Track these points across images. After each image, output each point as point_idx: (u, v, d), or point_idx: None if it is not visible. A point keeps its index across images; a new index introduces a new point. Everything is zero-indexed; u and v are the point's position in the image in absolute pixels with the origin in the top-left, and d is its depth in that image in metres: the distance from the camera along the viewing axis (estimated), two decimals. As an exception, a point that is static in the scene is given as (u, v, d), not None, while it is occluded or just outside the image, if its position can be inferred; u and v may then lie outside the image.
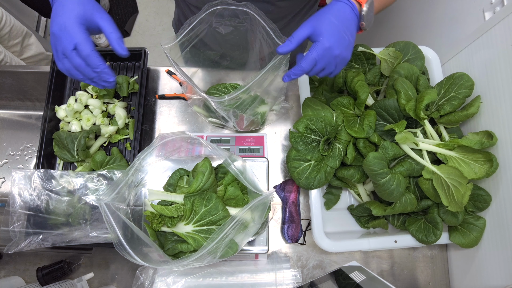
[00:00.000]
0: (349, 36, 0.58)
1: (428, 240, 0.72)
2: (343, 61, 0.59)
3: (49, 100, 0.86)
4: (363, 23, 0.59)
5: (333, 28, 0.56)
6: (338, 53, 0.57)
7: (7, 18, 1.35)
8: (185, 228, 0.65)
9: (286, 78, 0.61)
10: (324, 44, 0.56)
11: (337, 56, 0.57)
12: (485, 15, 0.80)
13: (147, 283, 0.72)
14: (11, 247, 0.69)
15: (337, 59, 0.58)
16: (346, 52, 0.58)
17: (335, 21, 0.56)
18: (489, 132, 0.71)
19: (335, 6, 0.58)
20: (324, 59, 0.57)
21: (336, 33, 0.56)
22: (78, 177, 0.77)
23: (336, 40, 0.56)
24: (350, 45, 0.58)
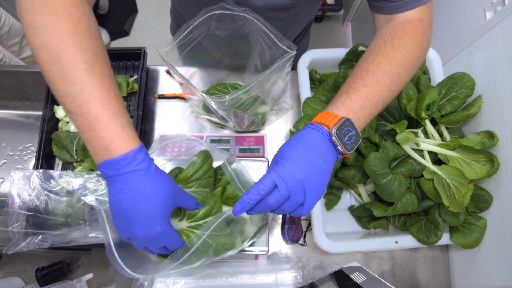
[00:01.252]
0: (318, 158, 0.46)
1: (429, 241, 0.72)
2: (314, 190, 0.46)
3: (48, 100, 0.86)
4: (338, 148, 0.48)
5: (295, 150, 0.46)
6: (303, 178, 0.45)
7: (6, 17, 1.35)
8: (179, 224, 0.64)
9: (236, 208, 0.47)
10: (285, 165, 0.45)
11: (302, 181, 0.45)
12: (486, 15, 0.79)
13: (146, 283, 0.72)
14: (10, 247, 0.69)
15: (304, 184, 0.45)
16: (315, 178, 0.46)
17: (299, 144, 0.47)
18: (490, 132, 0.71)
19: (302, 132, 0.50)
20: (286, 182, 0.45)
21: (298, 155, 0.46)
22: (77, 177, 0.76)
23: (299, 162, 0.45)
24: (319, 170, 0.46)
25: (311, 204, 0.47)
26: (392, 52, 0.55)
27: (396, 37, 0.57)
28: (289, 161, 0.46)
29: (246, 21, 0.68)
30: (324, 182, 0.48)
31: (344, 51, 0.85)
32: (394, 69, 0.54)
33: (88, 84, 0.42)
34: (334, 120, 0.48)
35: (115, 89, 0.45)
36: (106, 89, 0.43)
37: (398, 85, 0.55)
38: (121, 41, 2.18)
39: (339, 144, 0.48)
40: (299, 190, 0.45)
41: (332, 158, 0.49)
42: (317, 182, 0.46)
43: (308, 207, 0.47)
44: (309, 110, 0.76)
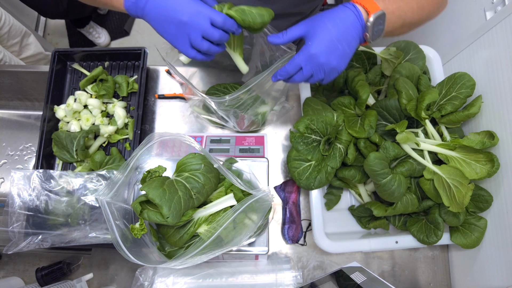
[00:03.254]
0: (345, 45, 0.53)
1: (429, 241, 0.72)
2: (333, 71, 0.55)
3: (48, 100, 0.86)
4: (367, 34, 0.54)
5: (325, 35, 0.52)
6: (325, 61, 0.53)
7: (6, 17, 1.35)
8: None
9: (273, 78, 0.59)
10: (310, 50, 0.53)
11: (324, 64, 0.54)
12: (486, 15, 0.79)
13: (146, 283, 0.72)
14: (10, 247, 0.69)
15: (325, 67, 0.54)
16: (337, 62, 0.54)
17: (331, 27, 0.53)
18: (490, 132, 0.71)
19: (338, 11, 0.55)
20: (310, 66, 0.54)
21: (327, 40, 0.52)
22: (77, 177, 0.76)
23: (325, 47, 0.52)
24: (344, 55, 0.54)
25: (330, 79, 0.57)
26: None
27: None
28: (314, 47, 0.53)
29: None
30: (345, 63, 0.56)
31: (344, 51, 0.85)
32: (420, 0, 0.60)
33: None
34: (376, 9, 0.53)
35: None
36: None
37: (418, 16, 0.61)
38: (121, 41, 2.18)
39: (369, 32, 0.54)
40: (320, 71, 0.55)
41: (357, 42, 0.56)
42: (338, 65, 0.54)
43: (327, 81, 0.58)
44: (309, 110, 0.76)
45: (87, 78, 0.88)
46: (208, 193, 0.65)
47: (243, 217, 0.63)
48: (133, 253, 0.56)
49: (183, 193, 0.60)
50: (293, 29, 0.56)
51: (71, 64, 0.94)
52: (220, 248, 0.60)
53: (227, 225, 0.59)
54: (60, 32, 2.18)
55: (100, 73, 0.89)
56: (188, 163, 0.65)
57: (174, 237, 0.63)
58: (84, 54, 0.92)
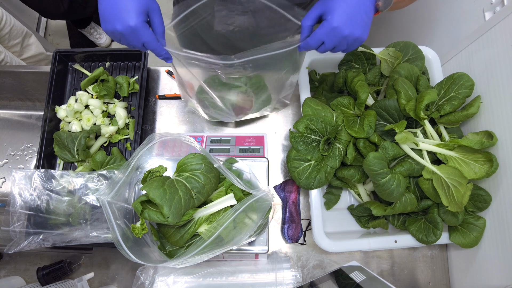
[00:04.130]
0: (363, 14, 0.54)
1: (428, 240, 0.72)
2: (356, 41, 0.56)
3: (50, 100, 0.86)
4: (379, 3, 0.56)
5: (343, 6, 0.53)
6: (348, 33, 0.54)
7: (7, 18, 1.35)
8: None
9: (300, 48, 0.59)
10: (332, 23, 0.53)
11: (347, 36, 0.54)
12: (485, 15, 0.80)
13: (147, 283, 0.72)
14: (11, 247, 0.69)
15: (348, 39, 0.55)
16: (359, 31, 0.55)
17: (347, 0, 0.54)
18: (489, 132, 0.71)
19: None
20: (332, 39, 0.55)
21: (346, 11, 0.53)
22: (78, 177, 0.77)
23: (346, 19, 0.53)
24: (364, 24, 0.55)
25: (353, 49, 0.58)
26: None
27: None
28: (335, 20, 0.53)
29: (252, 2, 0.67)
30: (367, 33, 0.56)
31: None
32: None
33: None
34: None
35: None
36: None
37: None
38: (121, 41, 2.18)
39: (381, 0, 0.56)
40: (343, 43, 0.56)
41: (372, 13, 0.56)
42: (360, 34, 0.55)
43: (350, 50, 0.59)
44: (309, 110, 0.76)
45: (88, 78, 0.89)
46: (208, 193, 0.65)
47: (243, 217, 0.63)
48: (134, 252, 0.57)
49: (183, 193, 0.60)
50: (308, 15, 0.56)
51: (72, 64, 0.94)
52: (221, 248, 0.61)
53: (227, 224, 0.59)
54: (61, 32, 2.18)
55: (101, 73, 0.89)
56: (188, 163, 0.65)
57: (175, 237, 0.64)
58: (85, 55, 0.93)
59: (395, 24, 1.38)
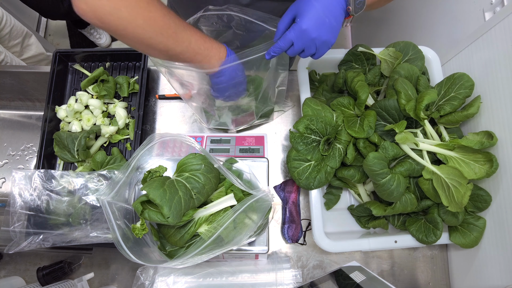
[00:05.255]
0: (331, 19, 0.57)
1: (428, 240, 0.72)
2: (324, 44, 0.59)
3: (50, 100, 0.86)
4: (349, 8, 0.58)
5: (312, 10, 0.56)
6: (316, 36, 0.57)
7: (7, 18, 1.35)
8: None
9: (267, 55, 0.62)
10: (301, 26, 0.56)
11: (315, 39, 0.57)
12: (485, 15, 0.80)
13: (147, 283, 0.72)
14: (11, 247, 0.69)
15: (316, 41, 0.58)
16: (326, 35, 0.58)
17: (316, 3, 0.56)
18: (489, 132, 0.71)
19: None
20: (301, 41, 0.58)
21: (314, 15, 0.56)
22: (78, 177, 0.77)
23: (314, 22, 0.56)
24: (331, 28, 0.58)
25: (322, 53, 0.61)
26: None
27: None
28: (304, 23, 0.56)
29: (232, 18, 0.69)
30: (334, 37, 0.59)
31: (344, 52, 0.86)
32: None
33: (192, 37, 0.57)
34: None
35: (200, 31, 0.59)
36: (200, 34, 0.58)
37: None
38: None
39: (352, 5, 0.58)
40: (312, 46, 0.59)
41: (342, 16, 0.59)
42: (328, 38, 0.58)
43: (319, 56, 0.62)
44: (309, 110, 0.76)
45: (88, 78, 0.89)
46: (208, 193, 0.65)
47: (244, 217, 0.63)
48: (134, 252, 0.57)
49: (183, 193, 0.60)
50: (281, 20, 0.60)
51: (72, 64, 0.94)
52: (221, 248, 0.61)
53: (227, 225, 0.59)
54: (61, 33, 2.18)
55: (101, 73, 0.89)
56: (188, 163, 0.65)
57: (175, 237, 0.64)
58: (85, 55, 0.93)
59: (395, 24, 1.38)
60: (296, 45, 0.58)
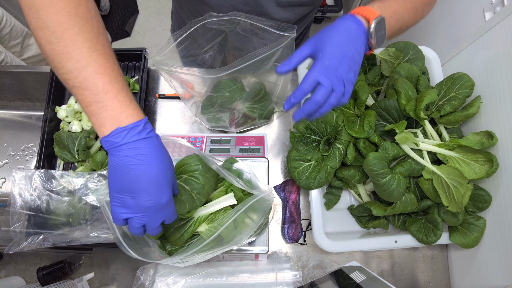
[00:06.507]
0: (354, 52, 0.52)
1: (428, 240, 0.72)
2: (350, 80, 0.53)
3: (50, 100, 0.86)
4: (372, 41, 0.54)
5: (334, 45, 0.51)
6: (342, 71, 0.51)
7: (7, 18, 1.35)
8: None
9: (286, 105, 0.54)
10: (325, 61, 0.51)
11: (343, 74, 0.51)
12: (485, 15, 0.80)
13: (147, 283, 0.72)
14: (11, 247, 0.69)
15: (342, 76, 0.51)
16: (354, 70, 0.53)
17: (337, 37, 0.52)
18: (489, 132, 0.71)
19: (339, 23, 0.54)
20: (328, 77, 0.50)
21: (337, 49, 0.51)
22: (78, 177, 0.77)
23: (338, 57, 0.51)
24: (355, 62, 0.53)
25: (349, 93, 0.53)
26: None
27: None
28: (327, 59, 0.50)
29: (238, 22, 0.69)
30: (357, 72, 0.54)
31: (344, 52, 0.86)
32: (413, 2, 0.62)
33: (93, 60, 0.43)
34: (375, 15, 0.54)
35: (118, 67, 0.47)
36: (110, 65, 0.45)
37: (414, 16, 0.63)
38: (122, 42, 2.19)
39: (374, 38, 0.53)
40: (340, 82, 0.51)
41: (363, 50, 0.54)
42: (352, 73, 0.52)
43: (347, 97, 0.53)
44: (309, 110, 0.76)
45: (88, 78, 0.89)
46: (208, 193, 0.65)
47: (244, 217, 0.63)
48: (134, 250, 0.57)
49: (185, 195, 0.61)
50: (299, 51, 0.54)
51: (72, 64, 0.94)
52: (221, 247, 0.61)
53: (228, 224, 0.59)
54: (61, 32, 2.18)
55: (101, 73, 0.89)
56: (186, 164, 0.65)
57: (174, 236, 0.64)
58: (85, 55, 0.93)
59: (395, 24, 1.38)
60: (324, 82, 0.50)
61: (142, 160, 0.44)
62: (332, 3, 2.01)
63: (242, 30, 0.72)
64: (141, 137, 0.44)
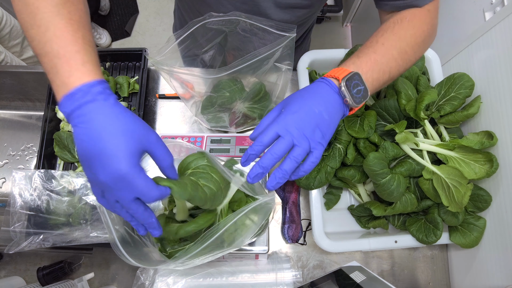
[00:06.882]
0: (322, 111, 0.49)
1: (428, 240, 0.72)
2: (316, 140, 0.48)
3: (50, 100, 0.86)
4: (347, 100, 0.50)
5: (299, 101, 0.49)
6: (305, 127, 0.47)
7: (7, 18, 1.35)
8: None
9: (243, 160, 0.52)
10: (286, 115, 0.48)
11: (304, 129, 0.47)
12: (485, 15, 0.80)
13: (147, 283, 0.72)
14: (11, 247, 0.69)
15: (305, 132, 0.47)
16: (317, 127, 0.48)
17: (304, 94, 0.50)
18: (489, 132, 0.71)
19: (312, 85, 0.53)
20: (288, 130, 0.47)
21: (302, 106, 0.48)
22: (78, 177, 0.77)
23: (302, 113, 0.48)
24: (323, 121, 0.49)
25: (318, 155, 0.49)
26: (401, 31, 0.59)
27: (405, 20, 0.60)
28: (290, 112, 0.48)
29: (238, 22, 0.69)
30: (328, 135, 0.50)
31: (344, 52, 0.86)
32: (402, 44, 0.57)
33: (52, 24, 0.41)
34: (344, 73, 0.51)
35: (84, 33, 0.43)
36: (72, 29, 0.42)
37: (404, 61, 0.58)
38: (122, 42, 2.19)
39: (347, 95, 0.50)
40: (302, 137, 0.47)
41: (337, 111, 0.51)
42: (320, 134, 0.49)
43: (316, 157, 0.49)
44: (309, 110, 0.76)
45: (88, 78, 0.89)
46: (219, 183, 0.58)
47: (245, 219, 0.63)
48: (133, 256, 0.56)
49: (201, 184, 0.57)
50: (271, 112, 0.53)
51: (72, 64, 0.94)
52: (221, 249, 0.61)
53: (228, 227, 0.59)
54: (61, 32, 2.18)
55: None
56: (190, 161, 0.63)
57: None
58: (85, 55, 0.93)
59: (395, 24, 1.38)
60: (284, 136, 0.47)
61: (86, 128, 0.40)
62: (332, 3, 2.01)
63: (242, 30, 0.72)
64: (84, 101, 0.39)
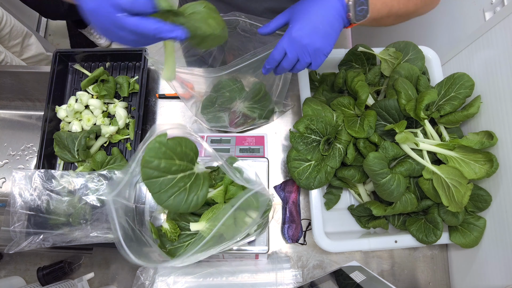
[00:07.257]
0: (326, 25, 0.53)
1: (428, 240, 0.72)
2: (318, 52, 0.54)
3: (50, 100, 0.86)
4: (350, 14, 0.54)
5: (304, 16, 0.53)
6: (308, 42, 0.53)
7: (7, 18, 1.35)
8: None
9: (264, 71, 0.60)
10: (291, 32, 0.53)
11: (307, 45, 0.53)
12: (485, 15, 0.80)
13: (147, 283, 0.72)
14: (11, 247, 0.69)
15: (309, 48, 0.54)
16: (320, 42, 0.53)
17: (310, 9, 0.53)
18: (489, 132, 0.71)
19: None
20: (293, 48, 0.54)
21: (306, 21, 0.53)
22: (78, 177, 0.77)
23: (305, 28, 0.53)
24: (326, 35, 0.53)
25: (318, 63, 0.56)
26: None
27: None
28: (295, 29, 0.53)
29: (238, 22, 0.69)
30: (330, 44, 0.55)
31: (344, 52, 0.86)
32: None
33: None
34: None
35: None
36: None
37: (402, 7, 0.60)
38: (122, 41, 2.18)
39: (352, 11, 0.54)
40: (305, 54, 0.54)
41: (339, 25, 0.55)
42: (322, 45, 0.54)
43: (316, 65, 0.57)
44: (309, 110, 0.76)
45: (88, 78, 0.89)
46: None
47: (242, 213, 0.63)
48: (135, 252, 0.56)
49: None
50: (277, 18, 0.58)
51: (72, 64, 0.94)
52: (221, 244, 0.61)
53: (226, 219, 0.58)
54: (61, 33, 2.18)
55: (101, 73, 0.89)
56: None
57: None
58: (85, 55, 0.93)
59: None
60: (289, 53, 0.55)
61: None
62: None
63: (242, 30, 0.72)
64: None
